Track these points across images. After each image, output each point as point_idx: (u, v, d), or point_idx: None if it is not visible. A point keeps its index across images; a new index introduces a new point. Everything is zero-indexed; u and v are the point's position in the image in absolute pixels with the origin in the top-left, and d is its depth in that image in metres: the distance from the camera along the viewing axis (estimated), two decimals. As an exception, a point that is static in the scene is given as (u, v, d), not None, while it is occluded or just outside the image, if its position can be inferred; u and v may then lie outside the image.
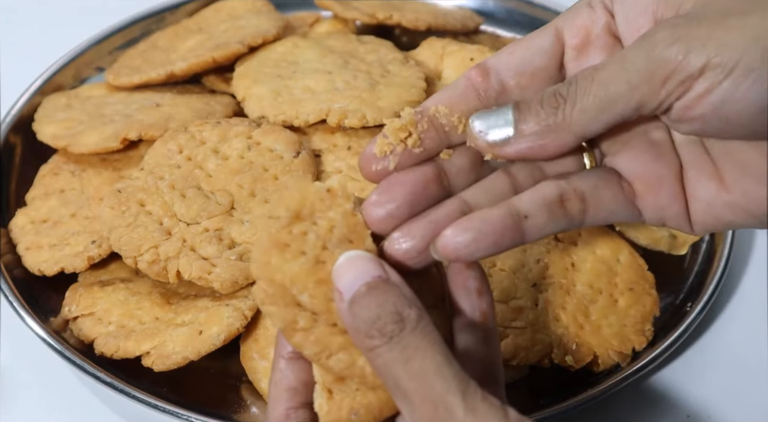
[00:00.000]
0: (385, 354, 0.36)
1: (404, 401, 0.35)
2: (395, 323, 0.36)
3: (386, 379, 0.36)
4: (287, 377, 0.41)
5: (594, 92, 0.38)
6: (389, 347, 0.36)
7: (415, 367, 0.35)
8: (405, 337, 0.36)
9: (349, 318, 0.37)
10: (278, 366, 0.41)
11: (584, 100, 0.38)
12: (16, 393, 0.62)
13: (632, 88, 0.38)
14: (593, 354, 0.58)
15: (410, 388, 0.35)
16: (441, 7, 0.84)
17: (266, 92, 0.69)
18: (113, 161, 0.69)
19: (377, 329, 0.36)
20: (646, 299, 0.61)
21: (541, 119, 0.39)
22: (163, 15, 0.84)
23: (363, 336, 0.36)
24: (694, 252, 0.67)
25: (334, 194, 0.39)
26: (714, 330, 0.65)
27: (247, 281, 0.58)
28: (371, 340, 0.36)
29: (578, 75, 0.39)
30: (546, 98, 0.39)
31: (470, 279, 0.40)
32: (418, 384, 0.35)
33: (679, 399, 0.61)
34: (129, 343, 0.57)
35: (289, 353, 0.41)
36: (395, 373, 0.35)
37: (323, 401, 0.38)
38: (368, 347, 0.36)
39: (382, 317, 0.36)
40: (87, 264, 0.62)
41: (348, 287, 0.37)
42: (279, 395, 0.41)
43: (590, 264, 0.62)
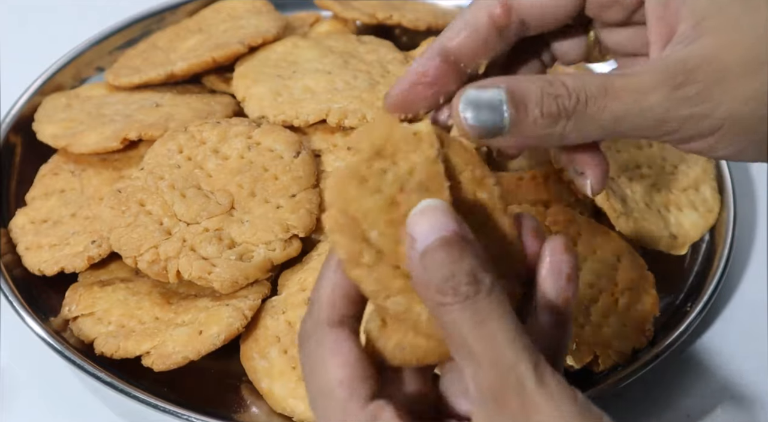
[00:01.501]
0: (456, 313, 0.34)
1: (470, 360, 0.34)
2: (470, 284, 0.34)
3: (452, 336, 0.35)
4: (346, 285, 0.38)
5: (601, 121, 0.38)
6: (462, 306, 0.34)
7: (486, 331, 0.34)
8: (479, 301, 0.34)
9: (420, 269, 0.35)
10: (337, 269, 0.38)
11: (589, 124, 0.38)
12: (16, 393, 0.62)
13: (640, 129, 0.38)
14: (593, 354, 0.58)
15: (479, 350, 0.34)
16: (441, 7, 0.84)
17: (266, 92, 0.69)
18: (113, 161, 0.69)
19: (451, 287, 0.34)
20: (646, 299, 0.61)
21: (538, 128, 0.38)
22: (163, 15, 0.84)
23: (434, 291, 0.35)
24: (694, 252, 0.67)
25: (420, 138, 0.39)
26: (714, 330, 0.65)
27: (247, 281, 0.58)
28: (443, 297, 0.35)
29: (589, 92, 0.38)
30: (547, 105, 0.38)
31: (564, 263, 0.39)
32: (488, 348, 0.34)
33: (679, 399, 0.61)
34: (129, 343, 0.57)
35: None
36: (464, 333, 0.34)
37: (374, 327, 0.37)
38: (439, 302, 0.35)
39: (456, 275, 0.34)
40: (87, 264, 0.62)
41: (423, 236, 0.36)
42: (335, 298, 0.38)
43: (590, 264, 0.62)
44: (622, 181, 0.68)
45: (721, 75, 0.38)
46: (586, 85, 0.38)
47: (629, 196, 0.67)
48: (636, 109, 0.38)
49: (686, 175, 0.69)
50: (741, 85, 0.38)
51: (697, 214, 0.67)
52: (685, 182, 0.69)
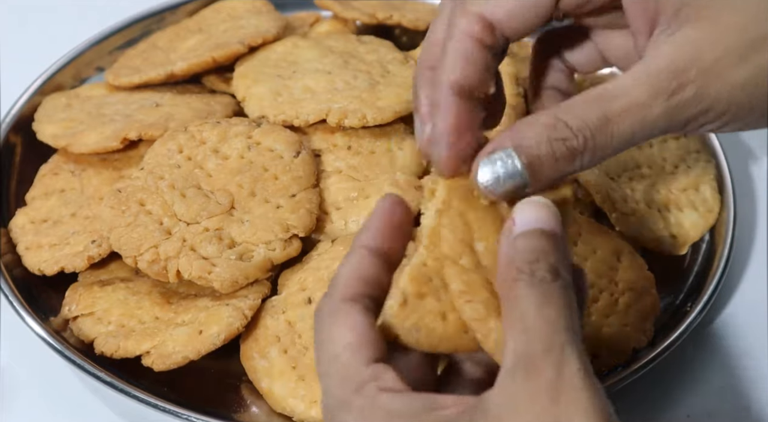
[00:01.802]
0: (525, 288, 0.35)
1: (522, 332, 0.35)
2: (549, 272, 0.35)
3: (512, 308, 0.35)
4: (363, 267, 0.39)
5: (613, 146, 0.39)
6: (532, 284, 0.35)
7: (546, 312, 0.34)
8: (552, 287, 0.35)
9: (509, 246, 0.37)
10: (355, 253, 0.40)
11: (603, 152, 0.39)
12: (16, 393, 0.62)
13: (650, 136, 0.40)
14: (593, 354, 0.58)
15: (535, 326, 0.34)
16: (441, 7, 0.84)
17: (266, 92, 0.69)
18: (113, 161, 0.69)
19: (531, 269, 0.35)
20: (646, 299, 0.61)
21: (557, 172, 0.39)
22: (163, 15, 0.84)
23: (513, 268, 0.36)
24: (694, 252, 0.67)
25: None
26: (714, 330, 0.65)
27: (247, 281, 0.58)
28: (519, 273, 0.35)
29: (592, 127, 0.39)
30: (558, 152, 0.39)
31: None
32: (544, 326, 0.34)
33: (679, 399, 0.61)
34: (129, 343, 0.57)
35: (369, 245, 0.40)
36: (525, 307, 0.35)
37: (395, 303, 0.38)
38: (513, 277, 0.36)
39: (540, 261, 0.36)
40: (87, 263, 0.62)
41: (525, 222, 0.37)
42: (353, 277, 0.39)
43: (590, 264, 0.62)
44: (622, 180, 0.68)
45: (712, 70, 0.39)
46: (587, 120, 0.39)
47: (629, 195, 0.67)
48: (640, 126, 0.39)
49: (686, 175, 0.69)
50: (734, 74, 0.39)
51: (697, 214, 0.67)
52: (685, 182, 0.69)
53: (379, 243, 0.40)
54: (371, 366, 0.36)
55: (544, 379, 0.33)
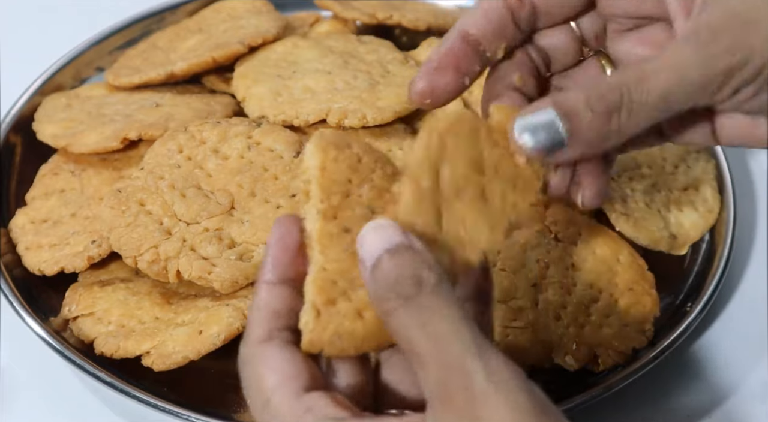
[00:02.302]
0: (402, 317, 0.34)
1: (419, 365, 0.34)
2: (413, 286, 0.35)
3: (402, 342, 0.35)
4: (271, 301, 0.39)
5: (651, 103, 0.39)
6: (405, 309, 0.34)
7: (430, 330, 0.34)
8: (422, 298, 0.34)
9: (371, 283, 0.36)
10: (261, 290, 0.39)
11: (639, 109, 0.39)
12: (16, 393, 0.62)
13: (688, 97, 0.39)
14: (593, 354, 0.58)
15: (424, 351, 0.34)
16: (441, 7, 0.84)
17: (266, 92, 0.69)
18: (113, 161, 0.69)
19: (395, 291, 0.35)
20: (646, 299, 0.61)
21: (595, 128, 0.39)
22: (163, 15, 0.84)
23: (381, 300, 0.35)
24: (694, 252, 0.67)
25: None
26: (714, 330, 0.65)
27: (247, 281, 0.58)
28: (388, 303, 0.35)
29: (630, 82, 0.38)
30: (596, 106, 0.39)
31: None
32: (434, 347, 0.34)
33: (679, 399, 0.61)
34: (129, 343, 0.57)
35: (273, 278, 0.39)
36: (410, 335, 0.34)
37: (310, 319, 0.37)
38: (385, 310, 0.35)
39: (400, 280, 0.35)
40: (87, 264, 0.62)
41: (370, 254, 0.36)
42: (262, 317, 0.39)
43: (590, 264, 0.62)
44: (622, 181, 0.68)
45: (748, 22, 0.38)
46: (625, 77, 0.39)
47: (629, 195, 0.67)
48: (677, 79, 0.38)
49: (686, 175, 0.69)
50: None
51: (697, 214, 0.67)
52: (685, 182, 0.69)
53: (281, 272, 0.39)
54: (302, 399, 0.36)
55: (458, 404, 0.33)
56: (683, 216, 0.67)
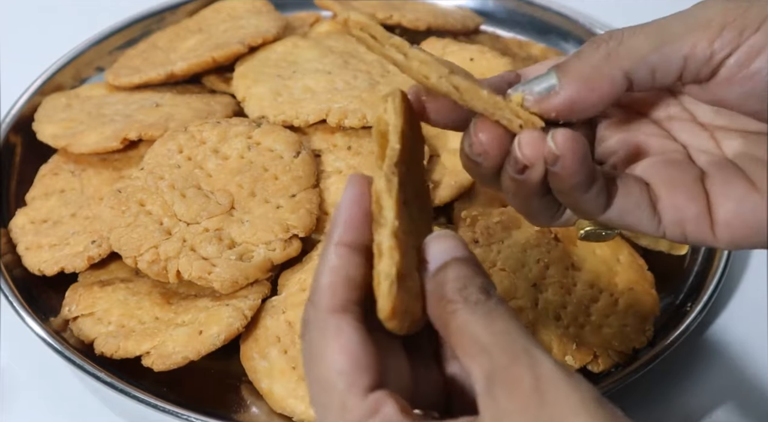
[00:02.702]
0: (466, 315, 0.34)
1: (481, 354, 0.33)
2: (482, 293, 0.34)
3: (461, 338, 0.34)
4: (347, 266, 0.35)
5: (645, 32, 0.38)
6: (472, 309, 0.34)
7: (498, 327, 0.33)
8: (490, 305, 0.34)
9: (433, 284, 0.35)
10: (337, 252, 0.36)
11: (633, 38, 0.38)
12: (16, 393, 0.62)
13: (687, 31, 0.37)
14: (593, 354, 0.58)
15: (490, 342, 0.33)
16: (441, 7, 0.84)
17: (266, 92, 0.69)
18: (113, 161, 0.69)
19: (463, 296, 0.34)
20: (646, 299, 0.61)
21: (585, 58, 0.38)
22: (163, 15, 0.84)
23: (446, 302, 0.35)
24: (694, 252, 0.67)
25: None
26: (714, 330, 0.65)
27: (247, 281, 0.58)
28: (454, 305, 0.34)
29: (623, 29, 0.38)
30: (587, 44, 0.38)
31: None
32: (500, 339, 0.33)
33: (679, 399, 0.61)
34: (129, 343, 0.57)
35: (346, 241, 0.36)
36: (473, 330, 0.33)
37: (393, 285, 0.34)
38: (449, 310, 0.34)
39: (468, 287, 0.35)
40: (87, 264, 0.62)
41: (437, 256, 0.36)
42: (336, 282, 0.35)
43: (590, 264, 0.62)
44: (622, 181, 0.68)
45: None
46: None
47: (629, 196, 0.67)
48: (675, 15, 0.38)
49: (686, 175, 0.69)
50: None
51: (697, 214, 0.67)
52: (685, 182, 0.69)
53: (356, 237, 0.36)
54: (369, 398, 0.34)
55: (524, 386, 0.32)
56: (683, 216, 0.67)
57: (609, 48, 0.38)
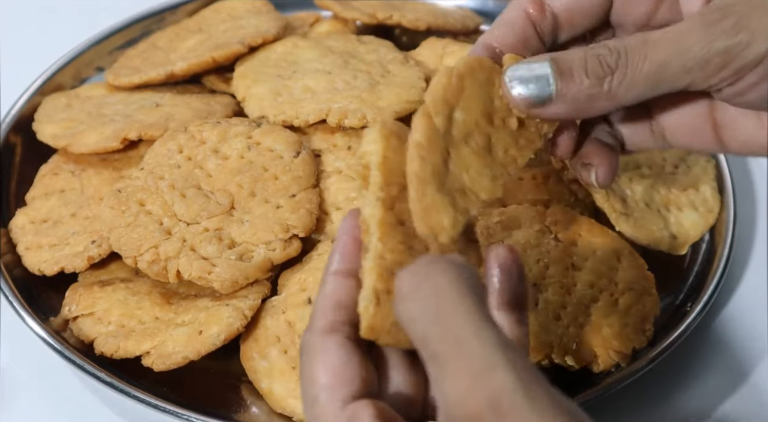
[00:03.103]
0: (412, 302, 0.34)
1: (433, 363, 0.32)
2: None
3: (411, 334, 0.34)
4: (337, 291, 0.38)
5: (645, 71, 0.38)
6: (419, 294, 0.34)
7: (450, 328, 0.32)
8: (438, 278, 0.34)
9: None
10: (328, 280, 0.39)
11: (633, 76, 0.38)
12: (16, 393, 0.62)
13: (686, 72, 0.38)
14: (593, 354, 0.58)
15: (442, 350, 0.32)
16: (441, 7, 0.84)
17: (266, 92, 0.69)
18: (113, 161, 0.69)
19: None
20: (646, 299, 0.61)
21: (585, 88, 0.38)
22: (163, 15, 0.84)
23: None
24: (694, 252, 0.67)
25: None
26: (714, 330, 0.65)
27: (247, 281, 0.58)
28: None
29: (628, 46, 0.38)
30: (591, 65, 0.38)
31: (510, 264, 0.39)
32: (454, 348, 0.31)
33: (679, 399, 0.61)
34: (129, 343, 0.57)
35: (340, 269, 0.39)
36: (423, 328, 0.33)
37: (370, 304, 0.36)
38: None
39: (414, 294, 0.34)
40: (87, 264, 0.62)
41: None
42: (327, 306, 0.38)
43: (590, 264, 0.62)
44: (622, 181, 0.68)
45: (756, 6, 0.37)
46: (626, 41, 0.38)
47: (629, 196, 0.67)
48: (675, 51, 0.38)
49: (686, 175, 0.69)
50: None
51: (697, 214, 0.67)
52: (685, 182, 0.69)
53: (349, 265, 0.39)
54: (349, 407, 0.35)
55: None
56: (683, 216, 0.67)
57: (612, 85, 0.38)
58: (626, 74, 0.38)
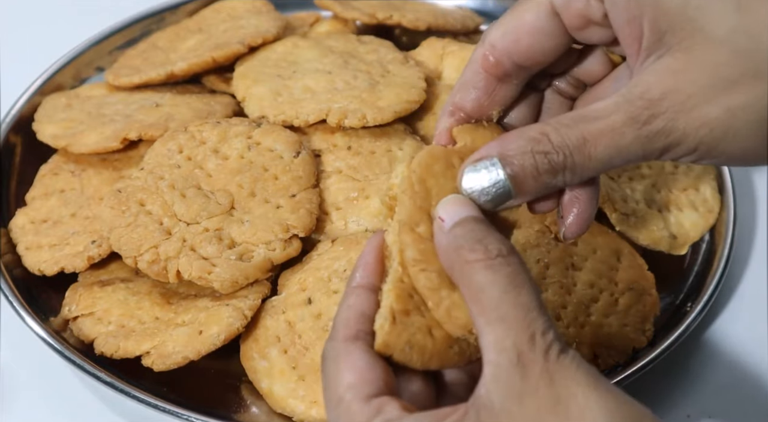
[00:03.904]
0: (487, 272, 0.36)
1: (498, 322, 0.35)
2: (502, 245, 0.37)
3: (481, 299, 0.36)
4: (359, 304, 0.40)
5: (592, 166, 0.40)
6: (493, 265, 0.36)
7: (520, 298, 0.35)
8: (511, 263, 0.36)
9: (449, 237, 0.38)
10: (350, 294, 0.41)
11: (583, 170, 0.40)
12: (16, 393, 0.62)
13: (629, 161, 0.40)
14: (593, 354, 0.58)
15: (512, 314, 0.35)
16: (441, 7, 0.84)
17: (266, 92, 0.69)
18: (113, 161, 0.69)
19: (483, 245, 0.36)
20: (646, 299, 0.61)
21: (540, 185, 0.40)
22: (163, 15, 0.84)
23: (466, 250, 0.37)
24: (694, 252, 0.67)
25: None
26: (714, 330, 0.65)
27: (247, 281, 0.58)
28: (474, 254, 0.37)
29: (572, 145, 0.39)
30: (541, 165, 0.39)
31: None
32: (520, 311, 0.35)
33: (679, 399, 0.61)
34: (129, 343, 0.57)
35: (364, 283, 0.41)
36: (496, 296, 0.36)
37: (386, 322, 0.38)
38: (470, 260, 0.37)
39: (486, 239, 0.37)
40: (87, 264, 0.62)
41: (451, 214, 0.38)
42: (350, 316, 0.40)
43: (590, 264, 0.62)
44: (622, 180, 0.68)
45: (683, 105, 0.38)
46: (567, 139, 0.39)
47: (629, 196, 0.67)
48: (615, 150, 0.39)
49: (686, 175, 0.69)
50: (703, 112, 0.38)
51: (697, 214, 0.67)
52: (685, 182, 0.69)
53: (373, 280, 0.41)
54: (373, 402, 0.37)
55: (537, 369, 0.34)
56: (683, 216, 0.67)
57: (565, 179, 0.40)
58: (575, 170, 0.40)
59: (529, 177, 0.39)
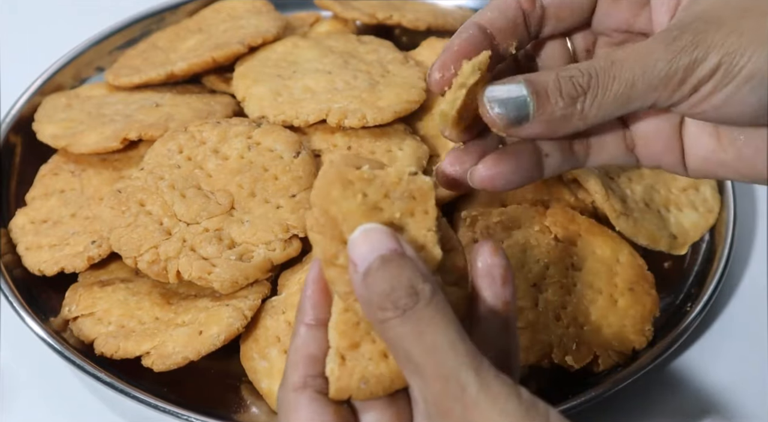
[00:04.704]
0: (398, 327, 0.35)
1: (415, 375, 0.36)
2: (409, 296, 0.35)
3: (397, 352, 0.36)
4: (308, 344, 0.40)
5: (615, 90, 0.40)
6: (402, 320, 0.35)
7: (427, 341, 0.35)
8: (418, 311, 0.35)
9: (363, 289, 0.36)
10: (299, 332, 0.40)
11: (604, 96, 0.40)
12: (16, 393, 0.62)
13: (651, 90, 0.40)
14: (593, 354, 0.58)
15: (422, 362, 0.35)
16: (441, 7, 0.84)
17: (266, 92, 0.69)
18: (113, 161, 0.69)
19: (391, 301, 0.36)
20: (646, 299, 0.61)
21: (559, 109, 0.40)
22: (163, 15, 0.84)
23: (375, 308, 0.36)
24: (694, 252, 0.67)
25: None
26: (714, 330, 0.65)
27: (247, 281, 0.58)
28: (384, 312, 0.36)
29: (598, 67, 0.40)
30: (565, 86, 0.40)
31: (496, 267, 0.40)
32: (430, 359, 0.35)
33: (679, 398, 0.61)
34: (129, 343, 0.57)
35: (311, 320, 0.40)
36: (407, 347, 0.35)
37: (335, 366, 0.38)
38: (380, 319, 0.36)
39: (396, 290, 0.36)
40: (87, 264, 0.62)
41: (363, 258, 0.37)
42: (298, 361, 0.40)
43: (590, 264, 0.62)
44: (622, 180, 0.68)
45: (714, 20, 0.39)
46: (595, 61, 0.40)
47: (629, 196, 0.67)
48: (641, 69, 0.40)
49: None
50: (737, 24, 0.39)
51: (697, 214, 0.67)
52: (685, 182, 0.69)
53: (317, 314, 0.40)
54: None
55: (455, 417, 0.35)
56: (683, 216, 0.67)
57: (584, 106, 0.40)
58: (597, 94, 0.40)
59: (550, 98, 0.40)
